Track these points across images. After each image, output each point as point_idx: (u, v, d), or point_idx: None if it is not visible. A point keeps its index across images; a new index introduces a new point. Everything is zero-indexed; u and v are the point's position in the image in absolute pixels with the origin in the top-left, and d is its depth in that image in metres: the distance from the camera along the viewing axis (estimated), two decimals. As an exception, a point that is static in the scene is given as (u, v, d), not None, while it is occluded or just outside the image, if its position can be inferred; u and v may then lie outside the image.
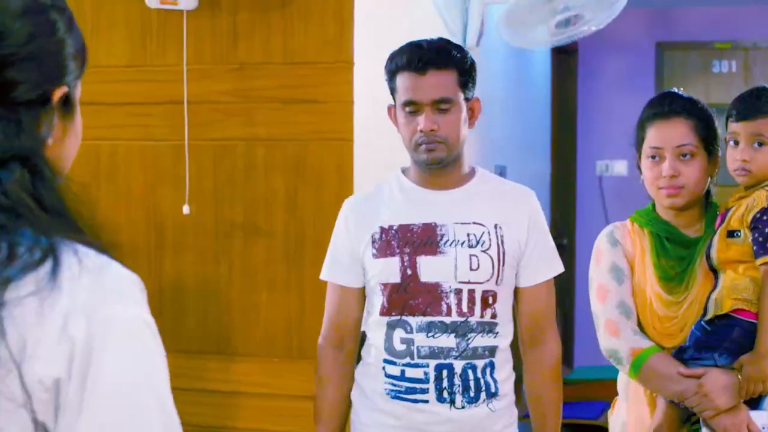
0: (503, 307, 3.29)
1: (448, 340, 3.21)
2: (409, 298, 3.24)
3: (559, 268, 3.43)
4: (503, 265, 3.26)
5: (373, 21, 4.33)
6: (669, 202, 3.24)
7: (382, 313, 3.28)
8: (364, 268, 3.33)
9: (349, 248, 3.35)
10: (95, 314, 1.32)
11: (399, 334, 3.26)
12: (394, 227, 3.28)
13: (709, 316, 3.11)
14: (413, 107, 3.23)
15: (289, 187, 4.24)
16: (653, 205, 3.35)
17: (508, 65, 7.10)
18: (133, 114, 4.43)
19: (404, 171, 3.40)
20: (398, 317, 3.25)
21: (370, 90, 4.26)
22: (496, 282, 3.25)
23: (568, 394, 7.38)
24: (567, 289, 8.54)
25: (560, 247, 9.59)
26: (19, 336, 1.28)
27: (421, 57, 3.21)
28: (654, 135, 3.26)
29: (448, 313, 3.21)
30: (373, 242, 3.29)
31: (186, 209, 4.30)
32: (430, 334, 3.21)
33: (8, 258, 1.31)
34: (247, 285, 4.32)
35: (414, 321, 3.23)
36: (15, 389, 1.28)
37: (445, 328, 3.21)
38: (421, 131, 3.21)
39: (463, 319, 3.22)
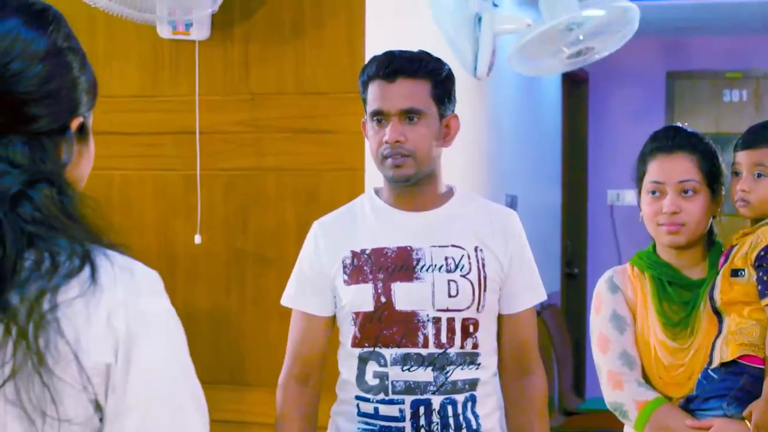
0: (486, 335, 3.05)
1: (425, 374, 2.96)
2: (383, 327, 2.98)
3: (543, 295, 3.18)
4: (485, 290, 3.01)
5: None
6: (669, 240, 3.10)
7: (354, 345, 3.03)
8: (335, 296, 3.07)
9: (318, 272, 3.09)
10: (131, 308, 1.58)
11: (372, 367, 3.00)
12: (367, 251, 3.03)
13: (715, 364, 2.99)
14: (380, 117, 3.00)
15: (301, 216, 4.24)
16: (654, 246, 3.21)
17: (518, 95, 7.12)
18: (145, 144, 4.45)
19: (377, 191, 3.17)
20: (371, 349, 3.00)
21: (382, 120, 4.26)
22: (477, 309, 3.01)
23: (580, 425, 7.40)
24: (578, 319, 8.51)
25: (571, 277, 9.60)
26: (74, 332, 1.53)
27: (391, 64, 3.01)
28: (655, 169, 3.13)
29: (425, 345, 2.96)
30: (345, 267, 3.04)
31: (197, 239, 4.31)
32: (405, 368, 2.96)
33: (52, 266, 1.53)
34: (259, 314, 4.33)
35: (388, 353, 2.98)
36: (76, 376, 1.53)
37: (422, 361, 2.96)
38: (386, 142, 2.98)
39: (440, 351, 2.97)
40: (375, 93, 3.01)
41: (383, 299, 2.98)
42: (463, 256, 3.02)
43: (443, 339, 2.97)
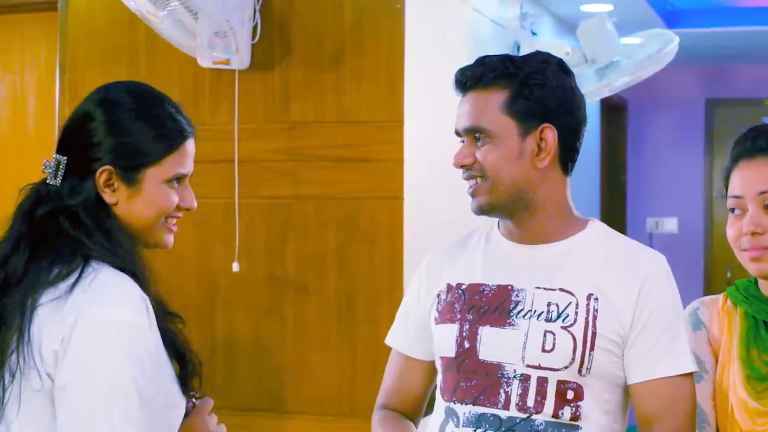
0: (596, 406, 2.39)
1: None
2: (461, 379, 2.44)
3: (686, 366, 2.40)
4: (591, 349, 2.36)
5: (424, 80, 4.36)
6: (753, 269, 2.42)
7: (441, 397, 2.51)
8: (431, 335, 2.57)
9: (418, 308, 2.62)
10: (83, 312, 2.04)
11: (450, 427, 2.45)
12: (463, 286, 2.50)
13: None
14: (459, 137, 2.49)
15: (341, 245, 4.25)
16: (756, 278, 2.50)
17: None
18: (186, 172, 4.47)
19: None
20: (448, 403, 2.46)
21: (421, 148, 4.28)
22: (580, 371, 2.36)
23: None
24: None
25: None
26: (39, 323, 2.06)
27: (462, 72, 2.48)
28: (736, 181, 2.44)
29: (506, 406, 2.38)
30: (438, 303, 2.54)
31: (235, 266, 4.32)
32: (478, 431, 2.39)
33: (46, 273, 2.09)
34: (299, 343, 4.33)
35: (462, 411, 2.42)
36: (36, 354, 2.04)
37: (498, 425, 2.38)
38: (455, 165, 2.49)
39: (524, 416, 2.36)
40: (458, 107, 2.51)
41: (467, 345, 2.45)
42: (570, 303, 2.40)
43: (529, 402, 2.37)
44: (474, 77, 2.44)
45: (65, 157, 2.20)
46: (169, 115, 2.26)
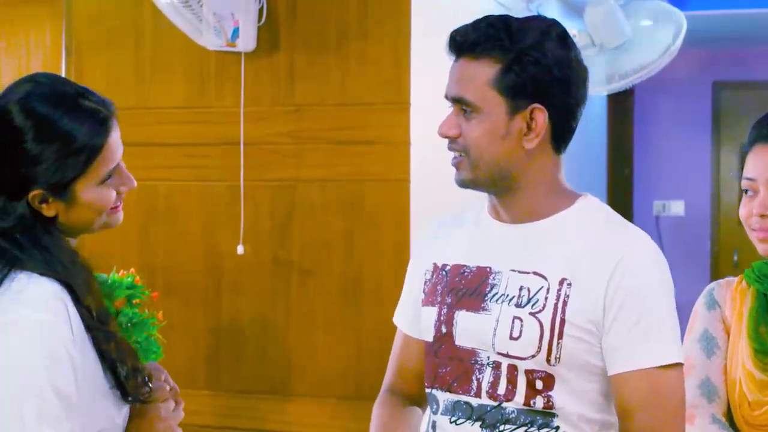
0: (570, 397, 2.24)
1: (471, 430, 2.28)
2: (439, 364, 2.35)
3: (669, 356, 2.19)
4: (560, 337, 2.20)
5: (430, 61, 4.34)
6: (762, 249, 2.49)
7: (425, 382, 2.43)
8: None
9: (413, 286, 2.52)
10: (2, 315, 2.01)
11: (430, 414, 2.39)
12: (448, 267, 2.38)
13: None
14: (448, 101, 2.33)
15: (346, 228, 4.25)
16: None
17: (563, 105, 7.08)
18: (191, 155, 4.47)
19: None
20: (429, 389, 2.38)
21: (427, 131, 4.26)
22: (548, 360, 2.21)
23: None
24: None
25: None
26: None
27: (456, 35, 2.29)
28: (750, 163, 2.52)
29: (477, 393, 2.27)
30: (425, 283, 2.44)
31: (240, 249, 4.33)
32: (453, 419, 2.30)
33: None
34: (304, 325, 4.33)
35: (441, 398, 2.34)
36: None
37: (470, 413, 2.28)
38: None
39: (494, 404, 2.25)
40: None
41: (444, 329, 2.34)
42: (541, 288, 2.24)
43: (500, 390, 2.25)
44: (466, 44, 2.26)
45: None
46: (89, 115, 2.14)
